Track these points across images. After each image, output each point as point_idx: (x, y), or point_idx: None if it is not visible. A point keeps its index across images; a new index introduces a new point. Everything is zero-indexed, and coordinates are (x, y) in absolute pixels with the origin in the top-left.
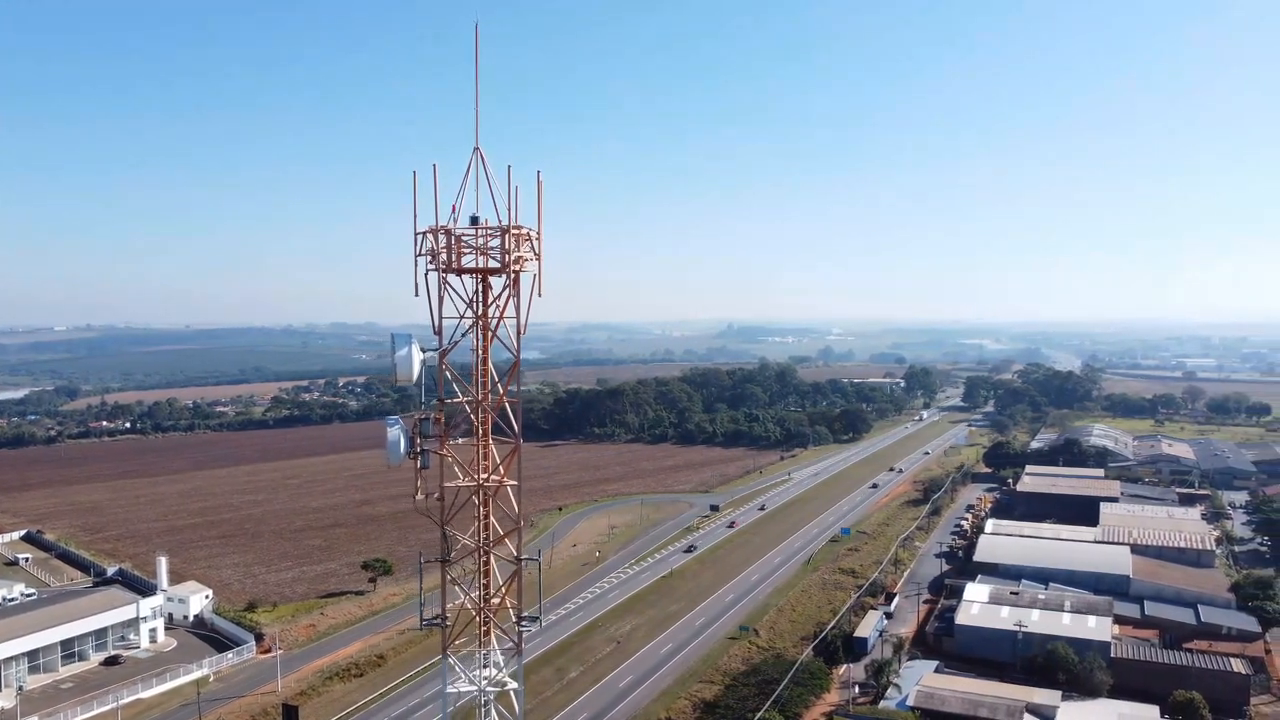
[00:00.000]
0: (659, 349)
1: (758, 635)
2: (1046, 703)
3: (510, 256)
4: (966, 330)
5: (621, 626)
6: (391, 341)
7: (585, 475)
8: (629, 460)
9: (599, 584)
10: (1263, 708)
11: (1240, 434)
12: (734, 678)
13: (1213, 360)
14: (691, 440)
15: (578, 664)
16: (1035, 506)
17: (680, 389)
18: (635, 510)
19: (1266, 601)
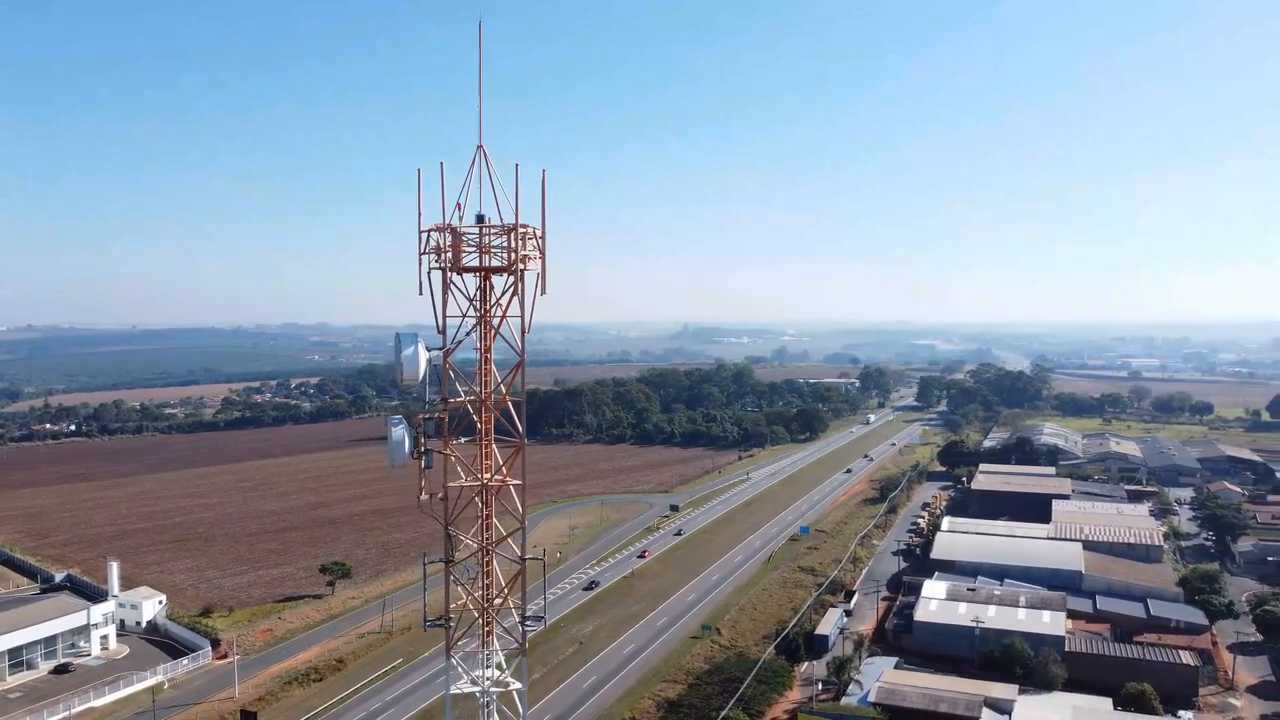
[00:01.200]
0: (616, 349)
1: (720, 634)
2: (1004, 697)
3: (516, 255)
4: (918, 331)
5: (584, 627)
6: (397, 341)
7: (544, 476)
8: (588, 461)
9: (560, 585)
10: (1210, 698)
11: (1184, 432)
12: (697, 677)
13: (1156, 360)
14: (650, 441)
15: (540, 665)
16: (989, 504)
17: (638, 389)
18: (595, 511)
19: (1212, 595)
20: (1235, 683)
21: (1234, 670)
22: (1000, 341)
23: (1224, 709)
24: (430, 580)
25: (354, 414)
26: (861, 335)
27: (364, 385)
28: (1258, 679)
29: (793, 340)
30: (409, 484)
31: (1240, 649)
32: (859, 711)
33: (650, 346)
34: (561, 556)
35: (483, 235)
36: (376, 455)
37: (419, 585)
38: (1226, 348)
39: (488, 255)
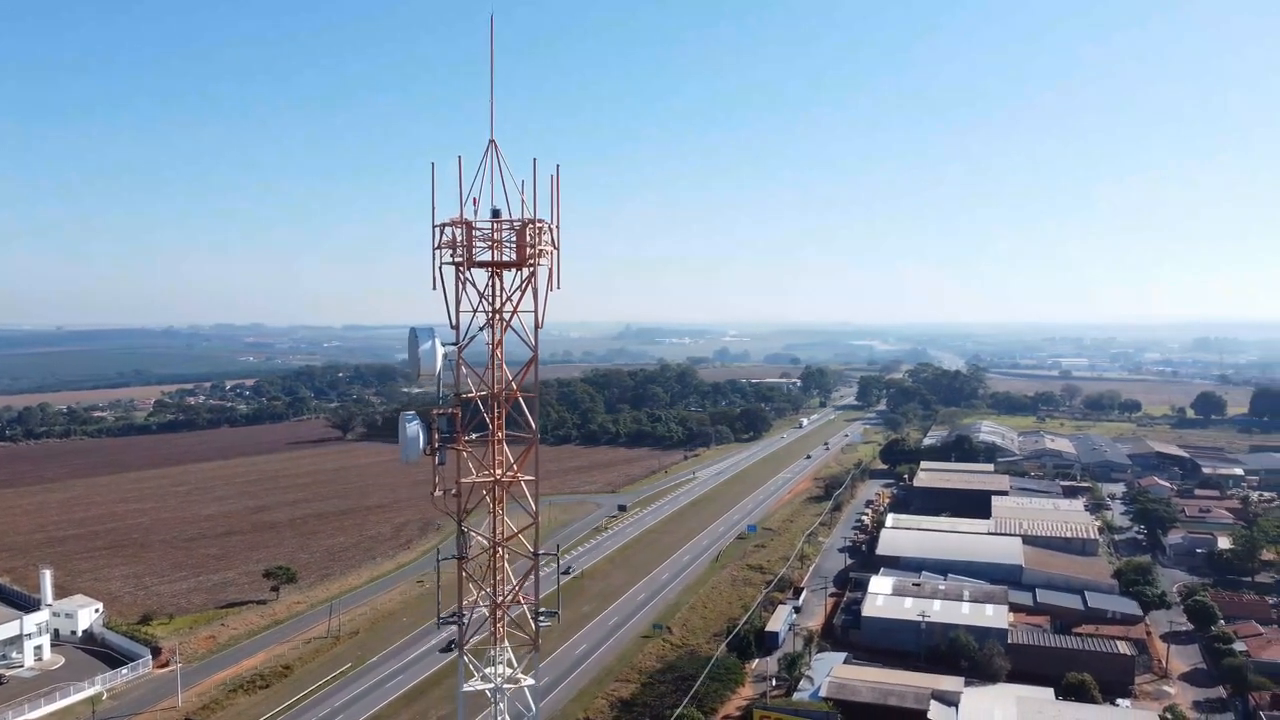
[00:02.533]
0: (558, 350)
1: (671, 633)
2: (951, 689)
3: (535, 250)
4: (856, 332)
5: None
6: (412, 336)
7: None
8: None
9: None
10: (1145, 686)
11: (1114, 429)
12: (650, 676)
13: (1085, 360)
14: (595, 441)
15: None
16: (931, 501)
17: (583, 390)
18: (543, 511)
19: (1146, 587)
20: (1168, 671)
21: (1167, 659)
22: (936, 342)
23: (1158, 696)
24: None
25: (292, 416)
26: (801, 336)
27: (302, 387)
28: (1189, 667)
29: (734, 341)
30: (352, 487)
31: (1173, 638)
32: (812, 706)
33: (593, 347)
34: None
35: (498, 230)
36: (317, 458)
37: (367, 588)
38: (1151, 348)
39: (503, 250)
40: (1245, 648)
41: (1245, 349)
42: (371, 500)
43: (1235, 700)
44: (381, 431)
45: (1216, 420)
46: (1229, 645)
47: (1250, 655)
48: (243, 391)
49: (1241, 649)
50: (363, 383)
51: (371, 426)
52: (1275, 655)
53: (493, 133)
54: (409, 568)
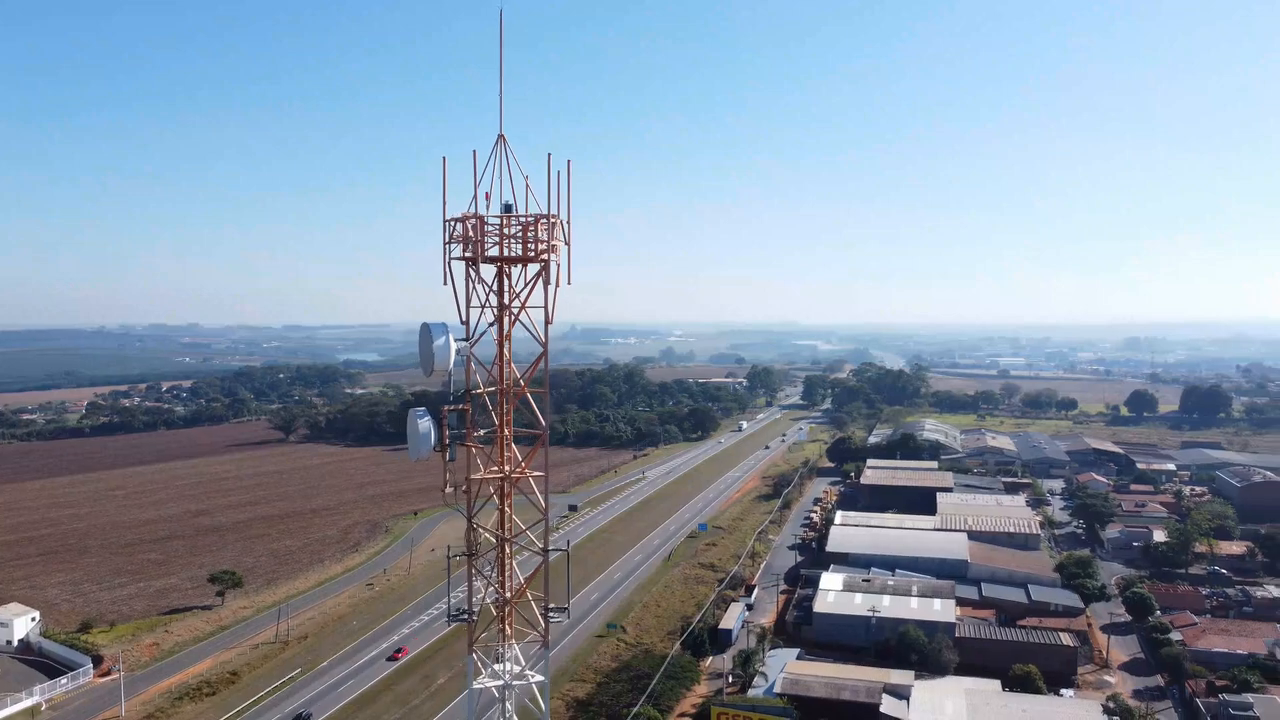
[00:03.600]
0: None
1: (625, 632)
2: (901, 683)
3: (549, 244)
4: (800, 332)
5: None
6: (425, 331)
7: (438, 479)
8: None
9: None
10: (1088, 676)
11: (1052, 427)
12: (605, 675)
13: (1022, 359)
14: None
15: (445, 669)
16: (878, 498)
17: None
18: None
19: (1086, 579)
20: (1109, 661)
21: (1108, 649)
22: (878, 342)
23: (1100, 686)
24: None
25: (232, 418)
26: (746, 336)
27: (241, 388)
28: (1129, 657)
29: (679, 341)
30: (297, 489)
31: (1112, 629)
32: (768, 703)
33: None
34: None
35: (509, 224)
36: (260, 460)
37: (315, 592)
38: (1084, 347)
39: (516, 245)
40: (1181, 637)
41: (1172, 349)
42: (317, 502)
43: (1172, 688)
44: (325, 433)
45: (1149, 417)
46: (1166, 635)
47: (1186, 644)
48: (180, 393)
49: (1178, 638)
50: (305, 384)
51: (315, 428)
52: (1209, 644)
53: (501, 128)
54: (358, 570)
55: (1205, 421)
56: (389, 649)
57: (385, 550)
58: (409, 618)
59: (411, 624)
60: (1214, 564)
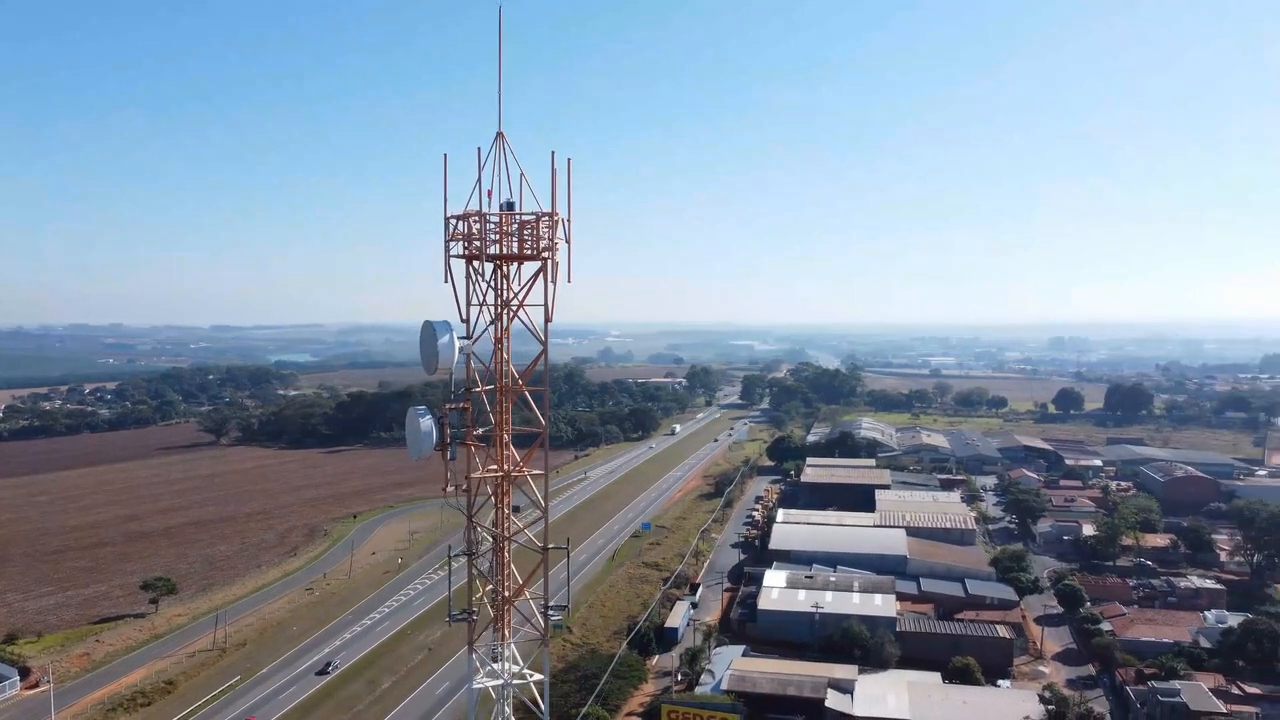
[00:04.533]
0: None
1: (571, 632)
2: (846, 677)
3: (554, 242)
4: (735, 332)
5: (431, 634)
6: (429, 330)
7: (377, 480)
8: (421, 464)
9: (404, 591)
10: (1023, 667)
11: (984, 425)
12: (552, 676)
13: (953, 359)
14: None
15: (389, 674)
16: (818, 496)
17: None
18: (435, 514)
19: (1020, 573)
20: (1043, 652)
21: (1042, 641)
22: (813, 342)
23: (1035, 676)
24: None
25: (160, 421)
26: (683, 336)
27: (169, 390)
28: (1061, 647)
29: (617, 341)
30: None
31: (1046, 621)
32: (716, 699)
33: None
34: (403, 563)
35: (507, 222)
36: (190, 464)
37: (252, 598)
38: (1011, 347)
39: (517, 242)
40: (1111, 627)
41: (1095, 349)
42: (252, 506)
43: (1103, 677)
44: (258, 435)
45: (1075, 415)
46: (1096, 625)
47: (1116, 634)
48: (104, 395)
49: (1108, 629)
50: (235, 385)
51: (247, 430)
52: (1138, 634)
53: (500, 125)
54: (297, 575)
55: (1128, 419)
56: (330, 654)
57: (325, 554)
58: (350, 622)
59: (353, 629)
60: (1140, 556)
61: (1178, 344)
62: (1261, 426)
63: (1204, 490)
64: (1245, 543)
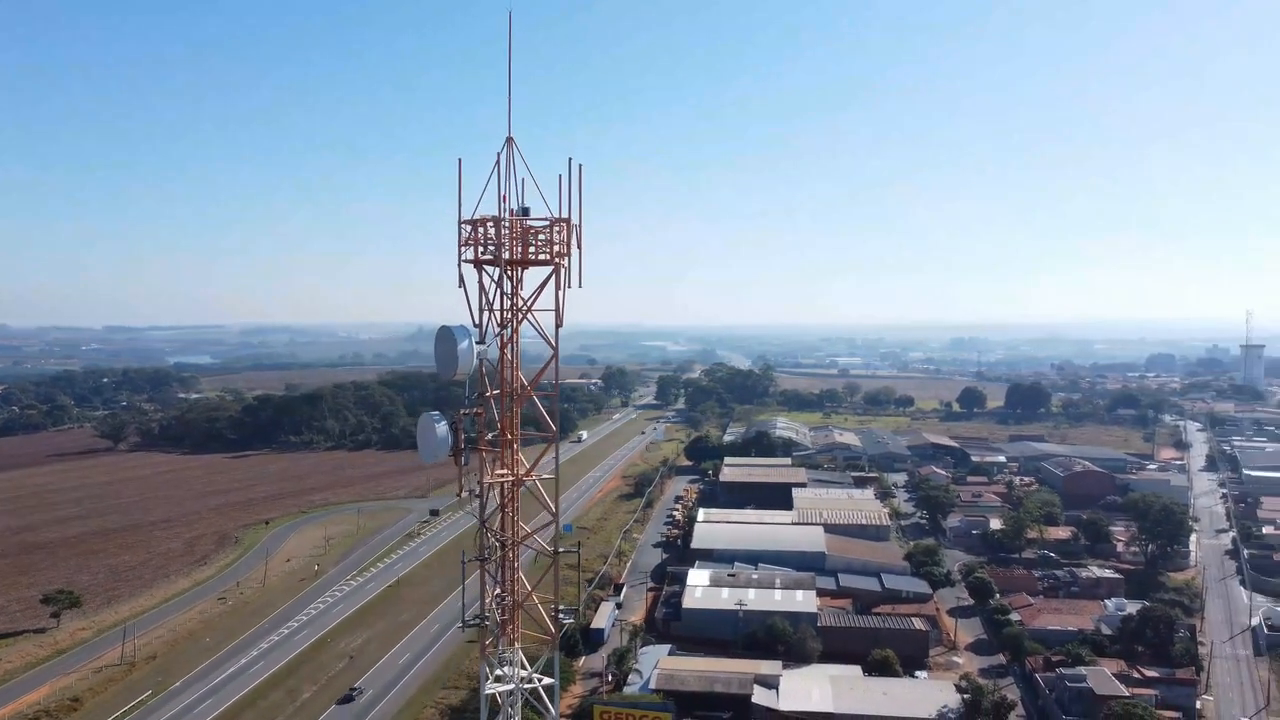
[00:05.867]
0: (348, 352)
1: None
2: (770, 673)
3: (567, 247)
4: (646, 333)
5: (353, 640)
6: (446, 334)
7: (287, 486)
8: (333, 468)
9: (322, 599)
10: (939, 658)
11: (892, 423)
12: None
13: (859, 359)
14: (398, 445)
15: (310, 683)
16: (736, 495)
17: (382, 393)
18: (351, 519)
19: (933, 567)
20: (957, 643)
21: (955, 632)
22: (724, 343)
23: (950, 666)
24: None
25: (51, 426)
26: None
27: (60, 394)
28: (973, 638)
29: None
30: (132, 501)
31: (959, 613)
32: (647, 699)
33: (384, 349)
34: (320, 569)
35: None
36: (87, 471)
37: (162, 609)
38: (915, 347)
39: (531, 248)
40: (1019, 617)
41: (994, 348)
42: (157, 514)
43: (1014, 665)
44: (159, 440)
45: (978, 413)
46: (1006, 616)
47: (1024, 624)
48: None
49: (1017, 619)
50: (132, 388)
51: (147, 435)
52: (1045, 623)
53: (510, 130)
54: (208, 584)
55: (1028, 416)
56: (247, 664)
57: (237, 562)
58: (267, 631)
59: (270, 638)
60: (1044, 548)
61: (1069, 344)
62: (1150, 423)
63: (1101, 484)
64: (1140, 534)
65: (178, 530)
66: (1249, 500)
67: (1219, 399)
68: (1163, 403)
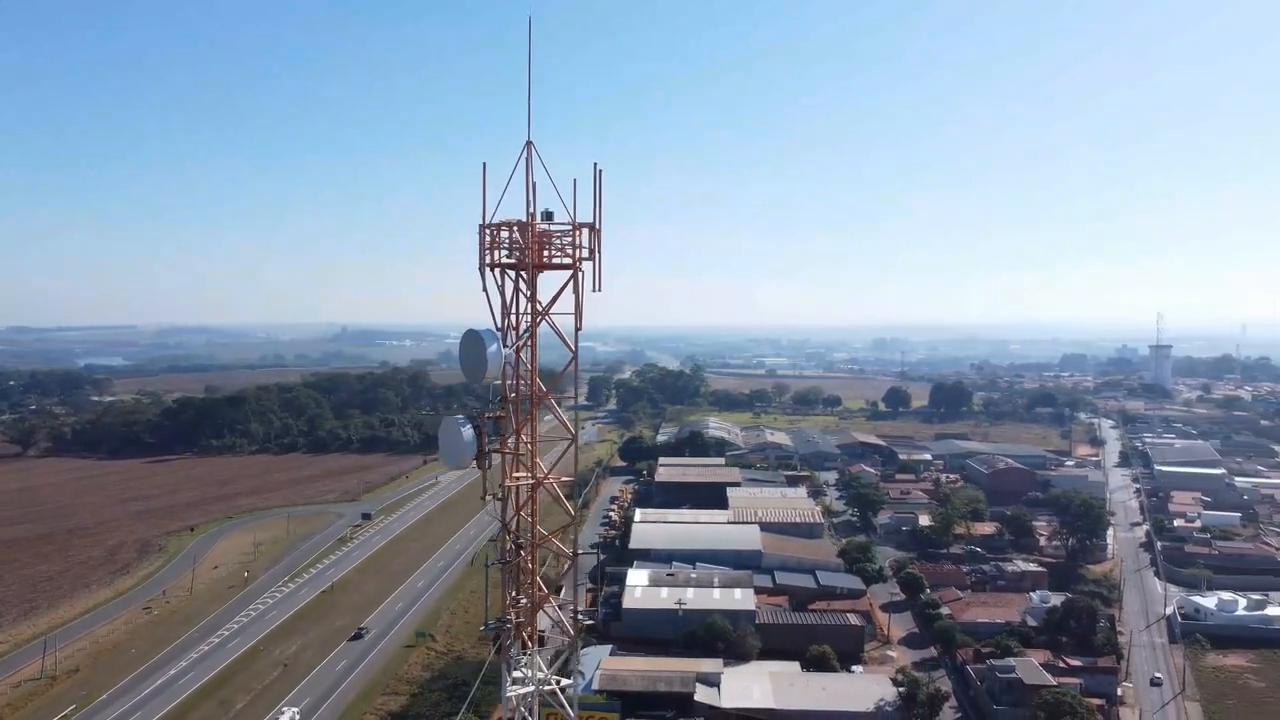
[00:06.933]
0: (269, 353)
1: (435, 640)
2: (711, 670)
3: (593, 251)
4: None
5: (287, 648)
6: (474, 338)
7: (211, 491)
8: (259, 472)
9: (253, 606)
10: (873, 652)
11: (821, 422)
12: (419, 685)
13: (785, 359)
14: (325, 448)
15: (244, 693)
16: (672, 495)
17: (307, 395)
18: (280, 524)
19: (866, 563)
20: (890, 637)
21: (888, 627)
22: (652, 343)
23: (884, 660)
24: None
25: None
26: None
27: None
28: (905, 632)
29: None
30: (46, 509)
31: (891, 608)
32: (592, 699)
33: (306, 350)
34: (250, 575)
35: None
36: None
37: (83, 620)
38: (839, 348)
39: (555, 252)
40: (949, 611)
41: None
42: (73, 522)
43: (945, 658)
44: (72, 445)
45: (904, 412)
46: (937, 610)
47: (954, 617)
48: None
49: (947, 613)
50: (41, 391)
51: (59, 440)
52: (973, 616)
53: (530, 134)
54: (132, 594)
55: (951, 415)
56: (176, 675)
57: (162, 570)
58: (196, 641)
59: (200, 647)
60: (971, 544)
61: (987, 344)
62: (1066, 421)
63: (1023, 481)
64: (1061, 528)
65: (97, 538)
66: (1160, 494)
67: (1130, 397)
68: (1078, 401)
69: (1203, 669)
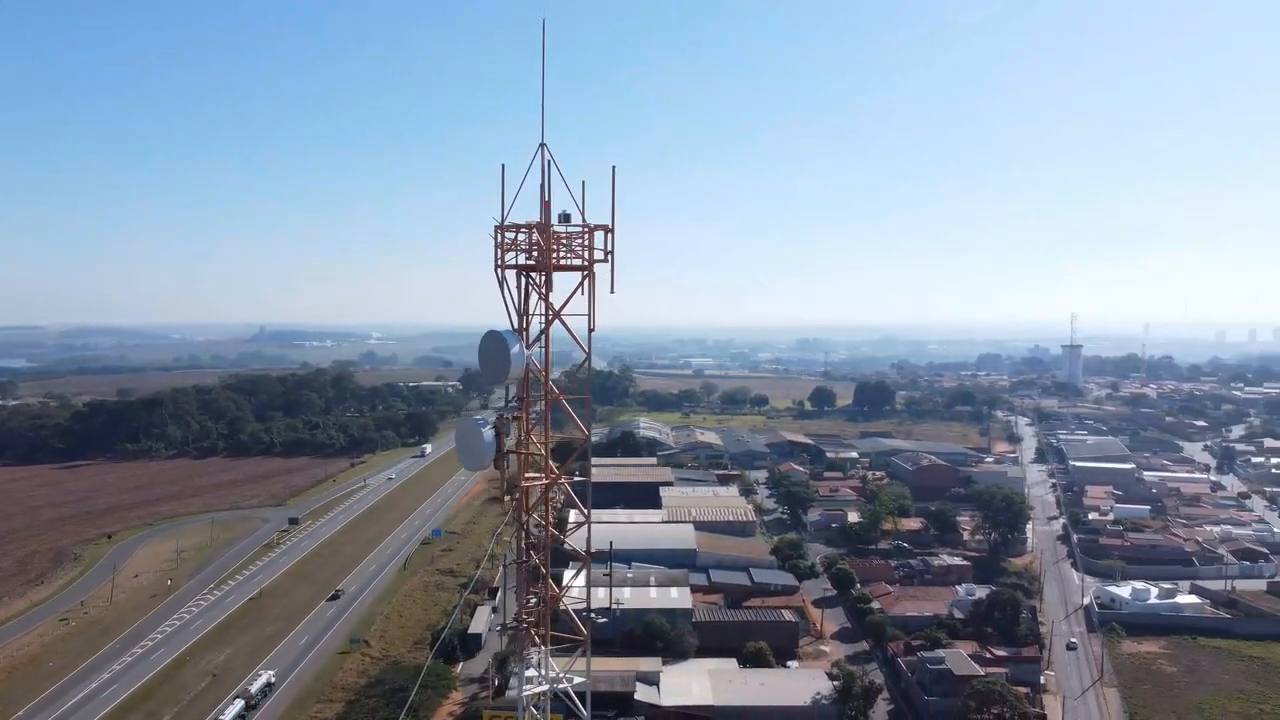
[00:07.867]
0: (183, 355)
1: (369, 646)
2: (650, 669)
3: (608, 253)
4: None
5: (215, 657)
6: (496, 339)
7: (128, 497)
8: (179, 477)
9: (178, 615)
10: (808, 648)
11: (749, 422)
12: (355, 692)
13: (711, 360)
14: (246, 452)
15: (171, 705)
16: (606, 494)
17: (227, 397)
18: (204, 530)
19: (798, 560)
20: (823, 632)
21: (821, 622)
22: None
23: (818, 655)
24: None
25: None
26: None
27: None
28: (838, 627)
29: (380, 344)
30: None
31: (824, 603)
32: None
33: (223, 351)
34: (173, 583)
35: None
36: None
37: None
38: (763, 348)
39: (570, 254)
40: (880, 605)
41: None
42: None
43: (877, 651)
44: None
45: (829, 411)
46: (868, 605)
47: (885, 612)
48: None
49: (877, 607)
50: None
51: None
52: (903, 610)
53: (543, 136)
54: (47, 604)
55: (875, 413)
56: (99, 689)
57: (79, 580)
58: (119, 652)
59: (123, 659)
60: (898, 539)
61: (905, 345)
62: (985, 418)
63: (947, 477)
64: (983, 523)
65: (7, 548)
66: (1075, 489)
67: (1044, 395)
68: (995, 400)
69: (1119, 656)
